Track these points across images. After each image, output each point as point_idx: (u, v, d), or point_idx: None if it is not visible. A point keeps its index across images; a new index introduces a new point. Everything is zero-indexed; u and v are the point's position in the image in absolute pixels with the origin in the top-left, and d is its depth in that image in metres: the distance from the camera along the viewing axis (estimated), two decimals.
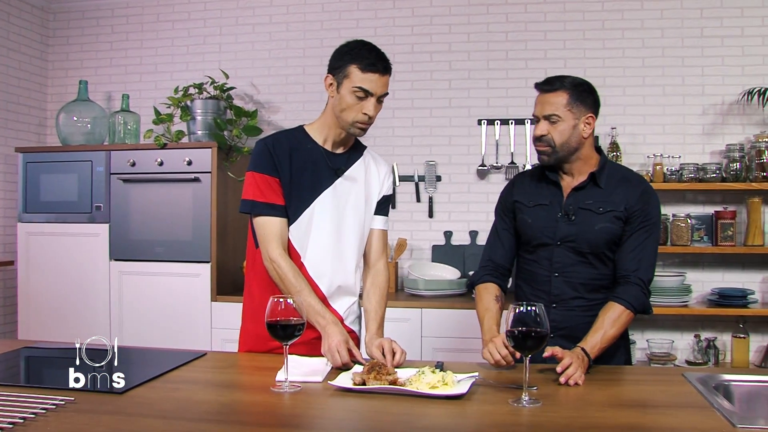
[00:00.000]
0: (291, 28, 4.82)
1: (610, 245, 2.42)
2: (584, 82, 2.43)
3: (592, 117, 2.42)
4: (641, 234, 2.39)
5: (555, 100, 2.37)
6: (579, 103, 2.38)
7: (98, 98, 4.88)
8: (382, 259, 2.61)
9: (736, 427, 1.61)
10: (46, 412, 1.71)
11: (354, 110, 2.34)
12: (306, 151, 2.44)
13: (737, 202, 4.25)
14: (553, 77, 2.42)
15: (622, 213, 2.40)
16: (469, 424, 1.68)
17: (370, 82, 2.31)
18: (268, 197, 2.39)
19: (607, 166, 2.48)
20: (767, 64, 4.30)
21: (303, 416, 1.81)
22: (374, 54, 2.35)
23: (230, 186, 4.35)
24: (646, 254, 2.41)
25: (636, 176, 2.53)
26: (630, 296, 2.33)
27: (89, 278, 4.37)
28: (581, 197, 2.44)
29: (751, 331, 4.16)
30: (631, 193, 2.41)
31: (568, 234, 2.43)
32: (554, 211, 2.47)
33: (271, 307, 1.99)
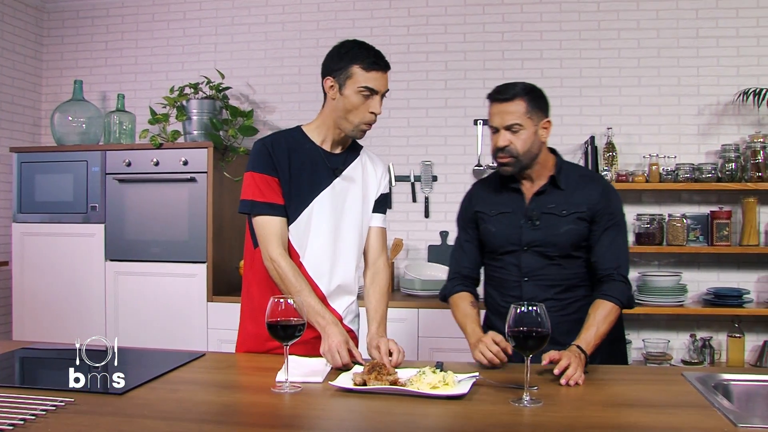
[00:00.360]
0: (287, 27, 4.82)
1: (576, 246, 2.44)
2: (536, 87, 2.43)
3: (549, 122, 2.44)
4: (611, 232, 2.42)
5: (514, 108, 2.36)
6: (537, 109, 2.39)
7: (93, 98, 4.87)
8: (381, 257, 2.61)
9: (738, 426, 1.61)
10: (46, 413, 1.71)
11: (361, 110, 2.35)
12: (304, 151, 2.44)
13: (732, 202, 4.26)
14: (505, 86, 2.41)
15: (586, 213, 2.42)
16: (472, 424, 1.68)
17: (375, 80, 2.34)
18: (268, 197, 2.39)
19: (564, 167, 2.50)
20: (762, 64, 4.31)
21: (304, 417, 1.80)
22: (373, 52, 2.37)
23: (226, 186, 4.34)
24: (622, 250, 2.44)
25: (594, 174, 2.58)
26: (617, 292, 2.35)
27: (84, 279, 4.36)
28: (543, 201, 2.45)
29: (746, 330, 4.17)
30: (591, 193, 2.44)
31: (534, 239, 2.44)
32: (517, 218, 2.47)
33: (271, 308, 1.99)
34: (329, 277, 2.47)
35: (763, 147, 4.10)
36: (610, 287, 2.37)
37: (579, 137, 4.44)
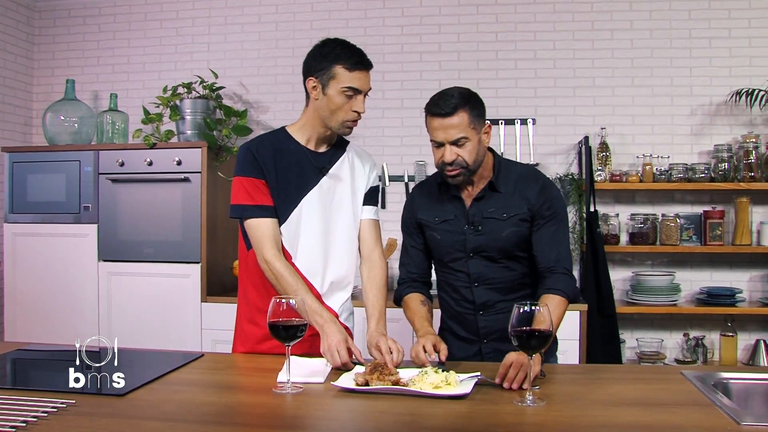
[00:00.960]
0: (280, 27, 4.81)
1: (520, 247, 2.42)
2: (472, 93, 2.36)
3: (489, 126, 2.38)
4: (550, 226, 2.39)
5: (458, 122, 2.27)
6: (477, 117, 2.32)
7: (85, 97, 4.84)
8: (376, 249, 2.60)
9: (740, 424, 1.62)
10: (47, 415, 1.70)
11: (344, 110, 2.35)
12: (289, 152, 2.44)
13: (725, 202, 4.29)
14: (442, 98, 2.31)
15: (527, 213, 2.40)
16: (476, 424, 1.68)
17: (359, 80, 2.34)
18: (257, 199, 2.39)
19: (503, 168, 2.45)
20: (754, 65, 4.34)
21: (308, 417, 1.80)
22: (356, 52, 2.37)
23: (220, 186, 4.33)
24: (563, 244, 2.41)
25: (532, 172, 2.51)
26: (562, 284, 2.32)
27: (77, 279, 4.33)
28: (483, 206, 2.43)
29: (738, 329, 4.20)
30: (530, 192, 2.40)
31: (479, 245, 2.42)
32: (460, 224, 2.45)
33: (273, 308, 1.98)
34: (323, 275, 2.48)
35: (755, 147, 4.13)
36: (554, 281, 2.33)
37: (572, 137, 4.45)
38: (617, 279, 4.34)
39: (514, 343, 1.89)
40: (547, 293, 2.31)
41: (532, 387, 1.89)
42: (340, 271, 2.52)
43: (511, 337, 1.88)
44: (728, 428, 1.62)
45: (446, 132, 2.29)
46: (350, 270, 2.57)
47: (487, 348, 2.48)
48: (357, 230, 2.57)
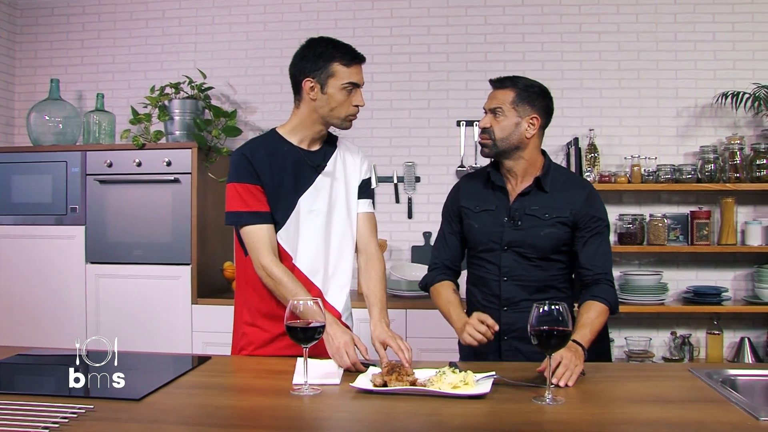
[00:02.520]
0: (268, 27, 4.78)
1: (555, 250, 2.47)
2: (538, 86, 2.49)
3: (537, 118, 2.45)
4: (597, 237, 2.45)
5: (502, 96, 2.44)
6: (525, 102, 2.43)
7: (69, 97, 4.75)
8: (372, 241, 2.61)
9: (760, 420, 1.66)
10: (68, 420, 1.67)
11: (345, 106, 2.39)
12: (283, 153, 2.45)
13: (711, 203, 4.36)
14: (509, 76, 2.50)
15: (568, 218, 2.44)
16: (502, 422, 1.70)
17: (357, 74, 2.40)
18: (252, 206, 2.39)
19: (552, 170, 2.52)
20: (738, 68, 4.42)
21: (332, 419, 1.81)
22: (348, 47, 2.41)
23: (210, 187, 4.30)
24: (607, 256, 2.47)
25: (580, 179, 2.61)
26: (608, 295, 2.39)
27: (64, 282, 4.26)
28: (527, 202, 2.48)
29: (724, 327, 4.27)
30: (575, 198, 2.46)
31: (515, 239, 2.46)
32: (500, 216, 2.50)
33: (290, 310, 1.98)
34: (324, 273, 2.50)
35: (740, 148, 4.21)
36: (600, 290, 2.40)
37: (561, 138, 4.49)
38: None
39: (534, 342, 1.91)
40: (591, 300, 2.37)
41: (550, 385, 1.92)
42: (340, 269, 2.54)
43: (530, 335, 1.90)
44: (748, 423, 1.65)
45: (490, 100, 2.48)
46: (349, 267, 2.58)
47: (506, 345, 2.51)
48: (354, 226, 2.57)
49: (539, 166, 2.51)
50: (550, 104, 2.52)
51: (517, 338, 2.47)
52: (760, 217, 4.33)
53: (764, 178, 4.16)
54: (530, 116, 2.44)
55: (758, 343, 4.31)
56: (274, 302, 2.43)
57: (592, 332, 2.30)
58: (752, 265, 4.36)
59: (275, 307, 2.43)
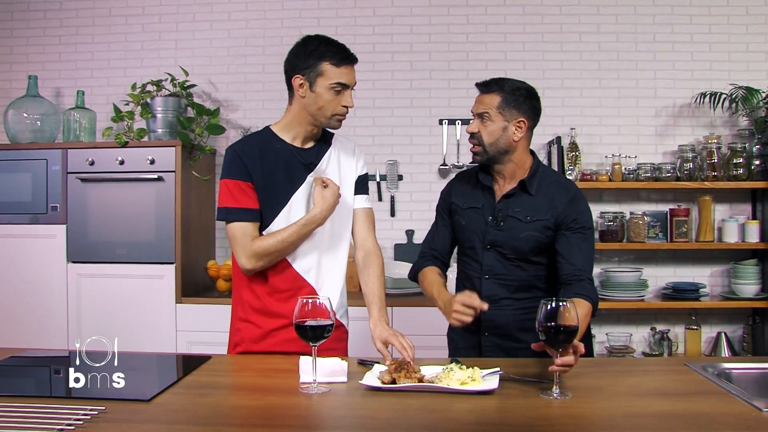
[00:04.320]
0: (250, 25, 4.76)
1: (535, 252, 2.49)
2: (525, 89, 2.50)
3: (524, 122, 2.47)
4: (579, 237, 2.45)
5: (489, 100, 2.45)
6: (511, 107, 2.44)
7: (46, 94, 4.68)
8: (370, 236, 2.62)
9: (763, 411, 1.71)
10: (83, 422, 1.66)
11: (332, 105, 2.38)
12: (275, 151, 2.45)
13: (689, 201, 4.45)
14: (494, 79, 2.50)
15: (550, 221, 2.46)
16: (515, 417, 1.73)
17: (346, 75, 2.39)
18: (242, 202, 2.39)
19: (539, 172, 2.54)
20: (714, 69, 4.52)
21: (348, 416, 1.82)
22: (341, 47, 2.40)
23: (194, 185, 4.28)
24: (588, 257, 2.47)
25: (566, 183, 2.60)
26: (591, 292, 2.38)
27: (45, 281, 4.21)
28: (511, 204, 2.50)
29: (701, 322, 4.36)
30: (559, 201, 2.47)
31: (496, 239, 2.50)
32: (485, 215, 2.53)
33: (299, 309, 1.98)
34: (317, 271, 2.50)
35: (717, 147, 4.30)
36: (581, 287, 2.37)
37: (542, 137, 4.53)
38: None
39: (541, 338, 1.93)
40: (579, 297, 2.33)
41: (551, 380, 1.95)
42: (334, 267, 2.55)
43: (538, 332, 1.92)
44: (752, 415, 1.70)
45: (477, 105, 2.49)
46: (343, 265, 2.59)
47: (486, 342, 2.54)
48: (348, 224, 2.59)
49: (527, 167, 2.53)
50: (537, 105, 2.53)
51: (498, 335, 2.52)
52: (737, 215, 4.44)
53: (740, 176, 4.26)
54: (517, 120, 2.46)
55: (734, 338, 4.42)
56: (266, 298, 2.45)
57: (581, 331, 2.31)
58: (729, 261, 4.46)
59: (267, 303, 2.45)
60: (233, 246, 2.41)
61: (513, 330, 2.50)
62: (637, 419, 1.70)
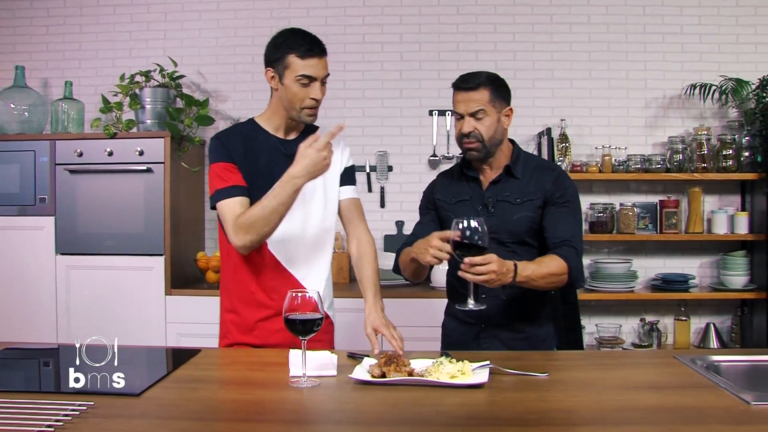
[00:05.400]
0: (239, 15, 4.73)
1: (530, 233, 2.51)
2: (498, 77, 2.53)
3: (511, 109, 2.53)
4: (564, 209, 2.48)
5: (478, 96, 2.44)
6: (499, 97, 2.48)
7: (34, 85, 4.64)
8: (361, 225, 2.62)
9: (751, 404, 1.72)
10: (71, 418, 1.64)
11: (300, 98, 2.37)
12: (259, 141, 2.46)
13: (679, 192, 4.47)
14: (469, 75, 2.49)
15: (539, 200, 2.49)
16: (505, 411, 1.72)
17: (312, 67, 2.36)
18: (229, 181, 2.39)
19: (522, 157, 2.58)
20: (704, 60, 4.52)
21: (339, 411, 1.82)
22: (309, 39, 2.38)
23: (183, 176, 4.26)
24: (574, 228, 2.48)
25: (549, 164, 2.67)
26: (570, 255, 2.38)
27: (33, 274, 4.19)
28: (499, 190, 2.53)
29: (690, 313, 4.38)
30: (545, 180, 2.51)
31: (489, 226, 2.44)
32: (475, 205, 2.55)
33: (288, 302, 1.97)
34: (302, 262, 2.50)
35: (707, 139, 4.31)
36: (563, 250, 2.39)
37: (532, 128, 4.54)
38: None
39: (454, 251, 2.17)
40: (553, 253, 2.39)
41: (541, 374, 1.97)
42: (318, 259, 2.54)
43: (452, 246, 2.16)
44: (741, 408, 1.70)
45: (467, 104, 2.45)
46: (328, 257, 2.58)
47: (485, 333, 2.55)
48: (332, 216, 2.58)
49: (509, 154, 2.57)
50: (510, 90, 2.57)
51: (495, 325, 2.52)
52: (726, 206, 4.45)
53: (730, 168, 4.28)
54: (506, 109, 2.51)
55: (723, 329, 4.44)
56: (252, 288, 2.46)
57: (536, 272, 2.31)
58: (718, 252, 4.48)
59: (252, 293, 2.46)
60: (224, 226, 2.39)
61: (512, 320, 2.52)
62: (626, 413, 1.70)
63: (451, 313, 2.69)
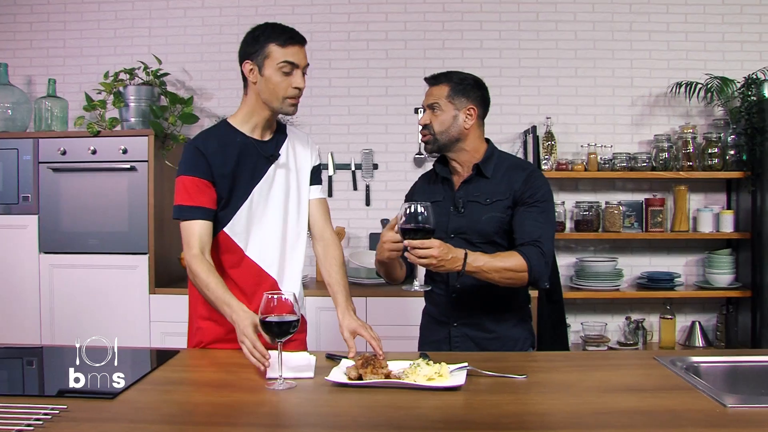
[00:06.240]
0: (224, 12, 4.71)
1: (500, 233, 2.50)
2: (472, 78, 2.54)
3: (474, 109, 2.51)
4: (533, 210, 2.46)
5: (437, 92, 2.51)
6: (460, 95, 2.49)
7: (17, 82, 4.61)
8: (327, 228, 2.60)
9: (727, 407, 1.72)
10: (43, 423, 1.62)
11: (282, 87, 2.35)
12: (236, 144, 2.42)
13: (665, 190, 4.47)
14: (442, 72, 2.56)
15: (509, 201, 2.49)
16: (481, 414, 1.71)
17: (294, 54, 2.35)
18: (196, 200, 2.35)
19: (495, 157, 2.57)
20: (690, 58, 4.52)
21: (314, 414, 1.81)
22: (288, 29, 2.38)
23: (167, 175, 4.23)
24: (543, 228, 2.45)
25: (523, 163, 2.65)
26: (530, 253, 2.36)
27: (16, 272, 4.16)
28: (471, 189, 2.54)
29: (676, 312, 4.39)
30: (516, 180, 2.50)
31: (459, 226, 2.51)
32: (447, 206, 2.55)
33: (264, 304, 1.96)
34: (279, 263, 2.49)
35: (693, 137, 4.31)
36: (526, 249, 2.37)
37: (518, 126, 4.54)
38: (562, 265, 4.43)
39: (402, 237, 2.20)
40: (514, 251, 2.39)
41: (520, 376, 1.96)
42: (294, 259, 2.53)
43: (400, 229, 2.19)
44: (717, 411, 1.70)
45: (427, 97, 2.54)
46: (302, 256, 2.57)
47: (456, 332, 2.54)
48: (305, 214, 2.57)
49: (481, 153, 2.56)
50: (486, 95, 2.57)
51: (467, 324, 2.53)
52: (711, 205, 4.46)
53: (716, 166, 4.28)
54: (467, 107, 2.50)
55: (708, 327, 4.45)
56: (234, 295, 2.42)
57: (488, 263, 2.30)
58: (703, 251, 4.48)
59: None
60: (183, 244, 2.37)
61: (482, 319, 2.52)
62: (602, 416, 1.69)
63: (426, 312, 2.69)
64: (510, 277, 2.35)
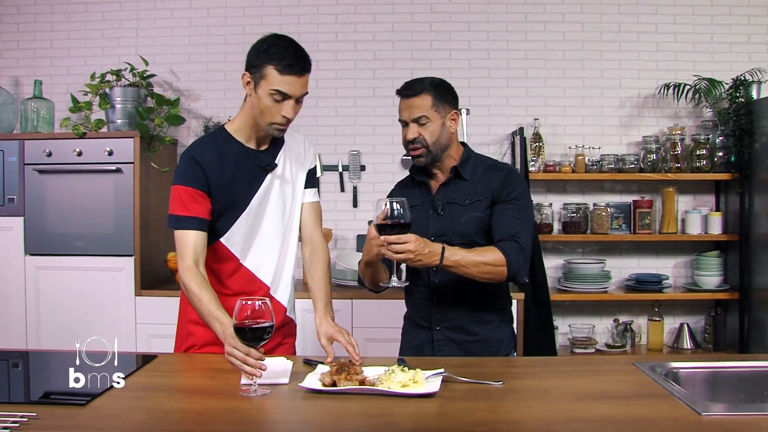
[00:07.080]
0: (212, 13, 4.69)
1: (480, 233, 2.49)
2: (443, 81, 2.52)
3: (456, 113, 2.51)
4: (511, 207, 2.45)
5: (421, 103, 2.44)
6: (443, 102, 2.46)
7: (4, 83, 4.60)
8: (317, 232, 2.59)
9: (701, 415, 1.70)
10: (9, 431, 1.61)
11: (271, 112, 2.28)
12: (233, 155, 2.39)
13: (653, 192, 4.46)
14: (412, 81, 2.49)
15: (488, 200, 2.48)
16: (453, 422, 1.70)
17: (288, 85, 2.25)
18: (191, 210, 2.33)
19: (472, 158, 2.57)
20: (679, 59, 4.51)
21: (283, 421, 1.80)
22: (292, 53, 2.26)
23: (153, 177, 4.22)
24: (521, 224, 2.43)
25: (500, 164, 2.63)
26: (509, 248, 2.35)
27: (2, 274, 4.16)
28: (449, 192, 2.52)
29: (664, 314, 4.38)
30: (494, 179, 2.49)
31: (439, 228, 2.49)
32: (425, 209, 2.53)
33: (239, 310, 1.94)
34: (274, 271, 2.49)
35: (681, 139, 4.30)
36: (504, 244, 2.36)
37: (506, 127, 4.53)
38: (549, 267, 4.42)
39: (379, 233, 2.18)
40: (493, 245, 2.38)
41: (496, 382, 1.95)
42: (287, 265, 2.54)
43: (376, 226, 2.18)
44: (691, 419, 1.69)
45: (410, 111, 2.45)
46: (293, 262, 2.57)
47: (438, 335, 2.53)
48: (297, 220, 2.56)
49: (458, 156, 2.55)
50: (456, 95, 2.56)
51: (449, 328, 2.52)
52: (700, 206, 4.45)
53: (704, 168, 4.27)
54: (451, 113, 2.49)
55: (696, 329, 4.44)
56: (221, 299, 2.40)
57: (466, 257, 2.29)
58: (692, 253, 4.47)
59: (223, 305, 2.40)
60: (177, 254, 2.35)
61: (464, 322, 2.51)
62: (575, 424, 1.68)
63: (407, 317, 2.68)
64: (488, 272, 2.33)
